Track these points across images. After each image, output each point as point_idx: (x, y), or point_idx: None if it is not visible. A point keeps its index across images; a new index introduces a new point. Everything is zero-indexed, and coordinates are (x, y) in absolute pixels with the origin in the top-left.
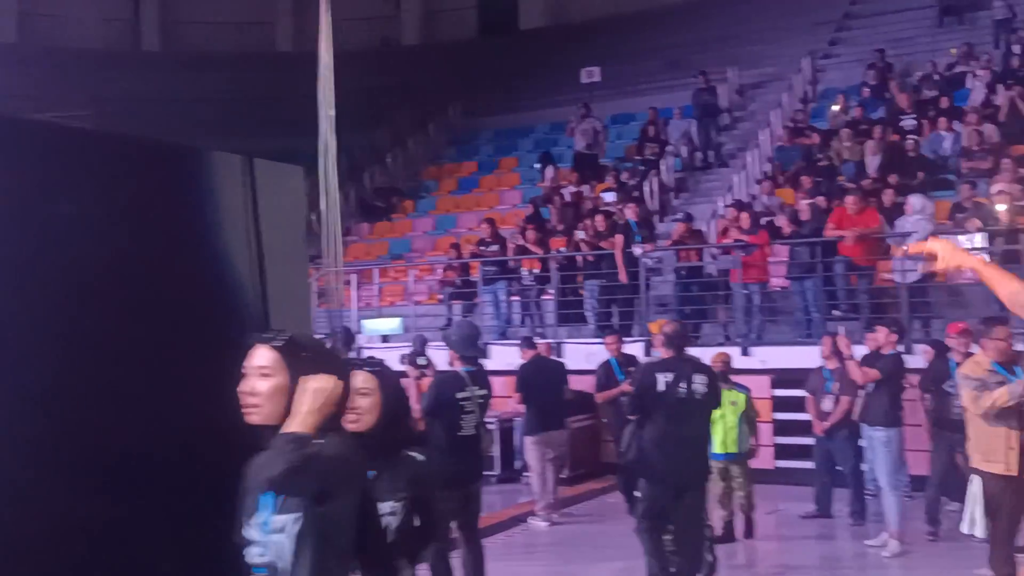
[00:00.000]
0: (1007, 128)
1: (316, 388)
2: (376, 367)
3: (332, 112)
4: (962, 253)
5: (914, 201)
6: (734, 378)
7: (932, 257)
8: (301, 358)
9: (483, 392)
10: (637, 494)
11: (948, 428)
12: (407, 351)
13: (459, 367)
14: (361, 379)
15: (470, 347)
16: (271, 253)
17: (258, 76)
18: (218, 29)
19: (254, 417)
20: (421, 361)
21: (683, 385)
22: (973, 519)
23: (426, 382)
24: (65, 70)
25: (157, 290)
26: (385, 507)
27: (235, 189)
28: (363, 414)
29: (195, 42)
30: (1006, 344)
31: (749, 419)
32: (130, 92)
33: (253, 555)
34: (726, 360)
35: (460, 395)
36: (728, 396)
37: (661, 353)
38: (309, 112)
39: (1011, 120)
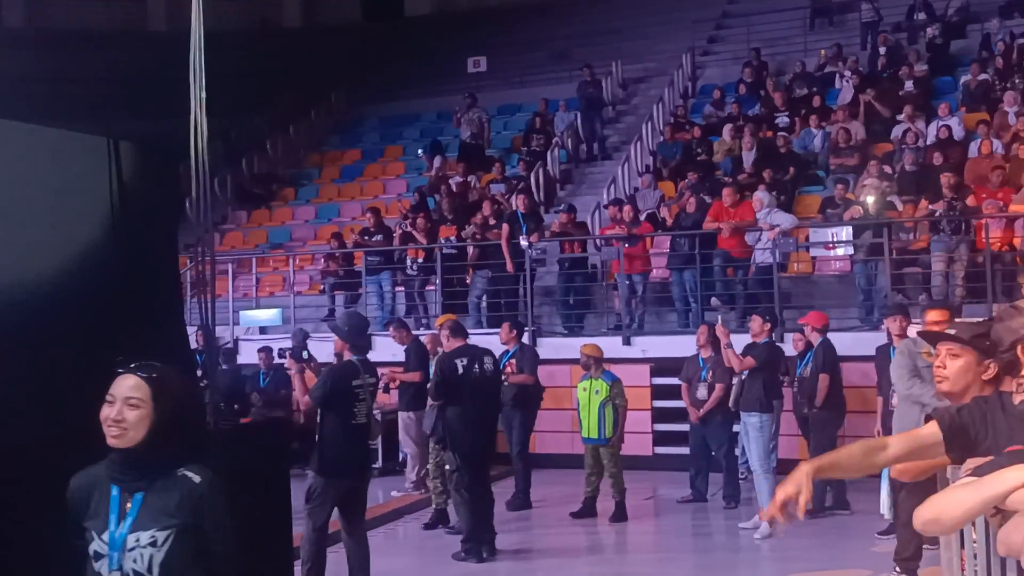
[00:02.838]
0: (869, 127)
1: None
2: (152, 372)
3: (203, 95)
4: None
5: (761, 196)
6: (608, 367)
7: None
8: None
9: (373, 380)
10: (448, 467)
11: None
12: (288, 345)
13: (349, 356)
14: (130, 386)
15: (361, 336)
16: (139, 241)
17: (128, 56)
18: (86, 5)
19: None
20: (304, 355)
21: (476, 367)
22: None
23: (308, 377)
24: None
25: (8, 280)
26: (144, 537)
27: (99, 173)
28: (128, 428)
29: (61, 19)
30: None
31: (615, 406)
32: None
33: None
34: (591, 353)
35: (355, 383)
36: (593, 385)
37: (445, 343)
38: (183, 95)
39: (870, 120)
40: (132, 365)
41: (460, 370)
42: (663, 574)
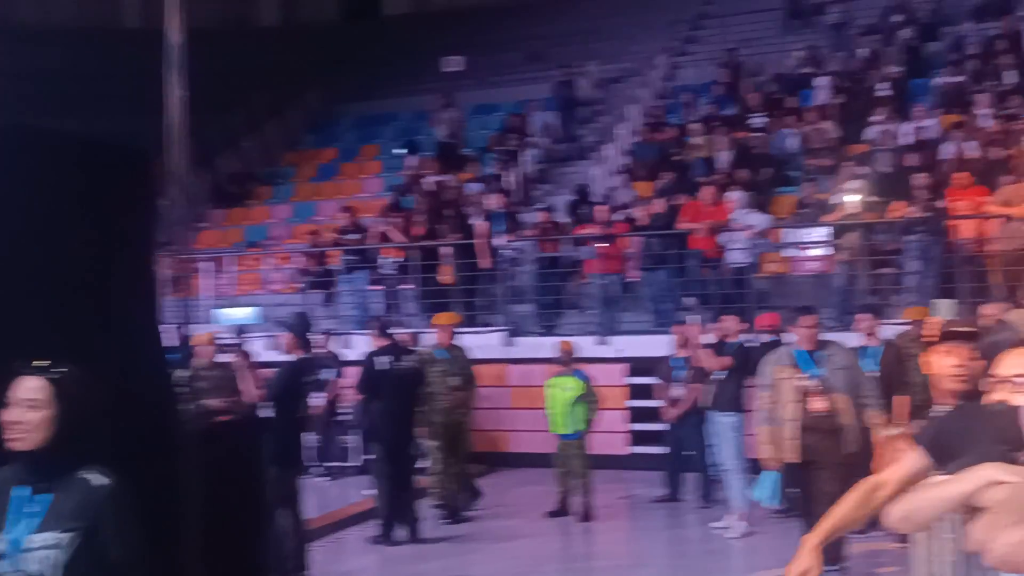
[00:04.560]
0: (844, 128)
1: None
2: (52, 373)
3: (179, 92)
4: None
5: (737, 196)
6: (584, 366)
7: None
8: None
9: (313, 377)
10: (371, 456)
11: None
12: (235, 341)
13: (299, 354)
14: (29, 388)
15: (307, 336)
16: (114, 240)
17: (102, 53)
18: (56, 1)
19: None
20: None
21: (397, 365)
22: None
23: (252, 372)
24: None
25: None
26: (46, 539)
27: (73, 172)
28: (30, 431)
29: (31, 14)
30: (812, 332)
31: (586, 402)
32: None
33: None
34: (568, 349)
35: (305, 380)
36: (565, 382)
37: (373, 342)
38: (158, 92)
39: (846, 121)
40: (32, 366)
41: (382, 366)
42: (636, 573)
